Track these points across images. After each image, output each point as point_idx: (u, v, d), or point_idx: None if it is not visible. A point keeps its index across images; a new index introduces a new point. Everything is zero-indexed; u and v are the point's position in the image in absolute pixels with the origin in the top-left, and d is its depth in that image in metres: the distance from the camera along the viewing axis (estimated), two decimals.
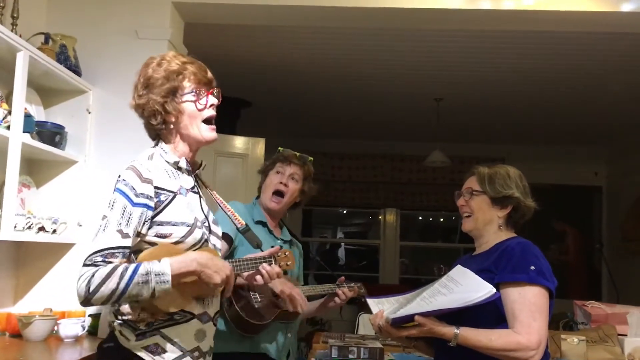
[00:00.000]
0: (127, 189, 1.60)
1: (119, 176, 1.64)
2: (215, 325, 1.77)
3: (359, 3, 3.18)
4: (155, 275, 1.53)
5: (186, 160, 1.76)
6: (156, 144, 1.77)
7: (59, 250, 2.93)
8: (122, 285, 1.50)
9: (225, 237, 2.19)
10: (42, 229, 2.67)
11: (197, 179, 1.83)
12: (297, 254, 2.52)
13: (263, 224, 2.39)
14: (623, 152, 6.69)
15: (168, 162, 1.73)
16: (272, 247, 2.01)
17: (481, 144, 6.95)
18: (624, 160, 6.66)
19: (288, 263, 1.96)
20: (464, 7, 3.15)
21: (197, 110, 1.72)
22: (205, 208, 1.80)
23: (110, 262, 1.53)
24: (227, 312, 2.20)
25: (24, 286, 2.93)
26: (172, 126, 1.73)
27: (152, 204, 1.62)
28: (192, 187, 1.77)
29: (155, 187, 1.64)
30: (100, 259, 1.53)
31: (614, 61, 4.29)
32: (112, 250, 1.55)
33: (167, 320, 1.63)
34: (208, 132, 1.75)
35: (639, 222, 6.12)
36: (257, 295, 2.25)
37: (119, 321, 1.64)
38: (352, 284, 2.48)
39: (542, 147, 6.95)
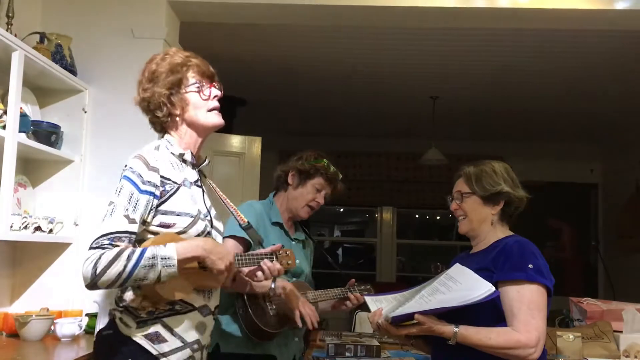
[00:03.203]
0: (134, 176, 1.61)
1: (126, 165, 1.65)
2: (215, 319, 1.78)
3: (354, 2, 3.17)
4: (162, 259, 1.54)
5: (191, 153, 1.78)
6: (162, 137, 1.80)
7: (56, 249, 2.92)
8: (128, 267, 1.51)
9: (242, 240, 2.22)
10: (38, 228, 2.66)
11: (201, 174, 1.85)
12: (308, 252, 2.56)
13: (280, 225, 2.42)
14: (618, 149, 6.72)
15: (173, 154, 1.75)
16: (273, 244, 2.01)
17: (477, 142, 6.96)
18: (619, 157, 6.68)
19: (289, 262, 1.95)
20: (459, 5, 3.15)
21: (201, 100, 1.77)
22: (208, 202, 1.82)
23: (117, 246, 1.54)
24: (243, 319, 2.24)
25: (21, 286, 2.93)
26: (177, 118, 1.76)
27: (157, 192, 1.64)
28: (196, 181, 1.79)
29: (161, 177, 1.66)
30: (107, 242, 1.54)
31: (608, 58, 4.31)
32: (119, 234, 1.56)
33: (168, 310, 1.64)
34: (214, 117, 1.79)
35: (635, 219, 6.14)
36: (273, 305, 2.28)
37: (120, 309, 1.65)
38: (362, 287, 2.47)
39: (538, 144, 6.97)
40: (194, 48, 1.98)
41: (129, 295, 1.64)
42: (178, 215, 1.66)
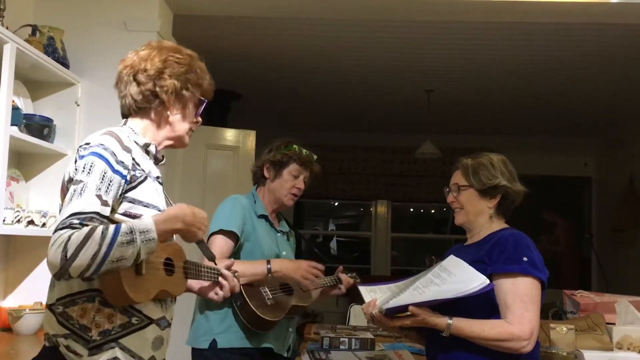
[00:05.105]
0: (107, 153, 1.41)
1: (89, 143, 1.44)
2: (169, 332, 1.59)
3: None
4: (140, 232, 1.35)
5: (155, 146, 1.62)
6: (124, 124, 1.62)
7: (49, 243, 2.91)
8: (104, 247, 1.29)
9: (231, 235, 2.25)
10: (31, 222, 2.65)
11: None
12: (292, 243, 2.60)
13: (265, 217, 2.44)
14: (612, 143, 6.74)
15: (137, 143, 1.56)
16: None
17: (472, 135, 6.96)
18: (613, 150, 6.70)
19: (234, 285, 1.85)
20: None
21: (192, 113, 1.65)
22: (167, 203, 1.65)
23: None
24: (240, 311, 2.23)
25: (14, 280, 2.91)
26: (163, 114, 1.60)
27: (128, 176, 1.45)
28: (158, 177, 1.62)
29: (133, 159, 1.49)
30: (76, 221, 1.31)
31: (603, 52, 4.31)
32: (90, 215, 1.33)
33: (125, 326, 1.43)
34: (188, 138, 1.67)
35: (628, 213, 6.16)
36: (268, 291, 2.29)
37: (66, 331, 1.39)
38: (348, 274, 2.55)
39: (532, 138, 6.98)
40: (187, 41, 1.97)
41: (76, 310, 1.39)
42: (146, 206, 1.47)
